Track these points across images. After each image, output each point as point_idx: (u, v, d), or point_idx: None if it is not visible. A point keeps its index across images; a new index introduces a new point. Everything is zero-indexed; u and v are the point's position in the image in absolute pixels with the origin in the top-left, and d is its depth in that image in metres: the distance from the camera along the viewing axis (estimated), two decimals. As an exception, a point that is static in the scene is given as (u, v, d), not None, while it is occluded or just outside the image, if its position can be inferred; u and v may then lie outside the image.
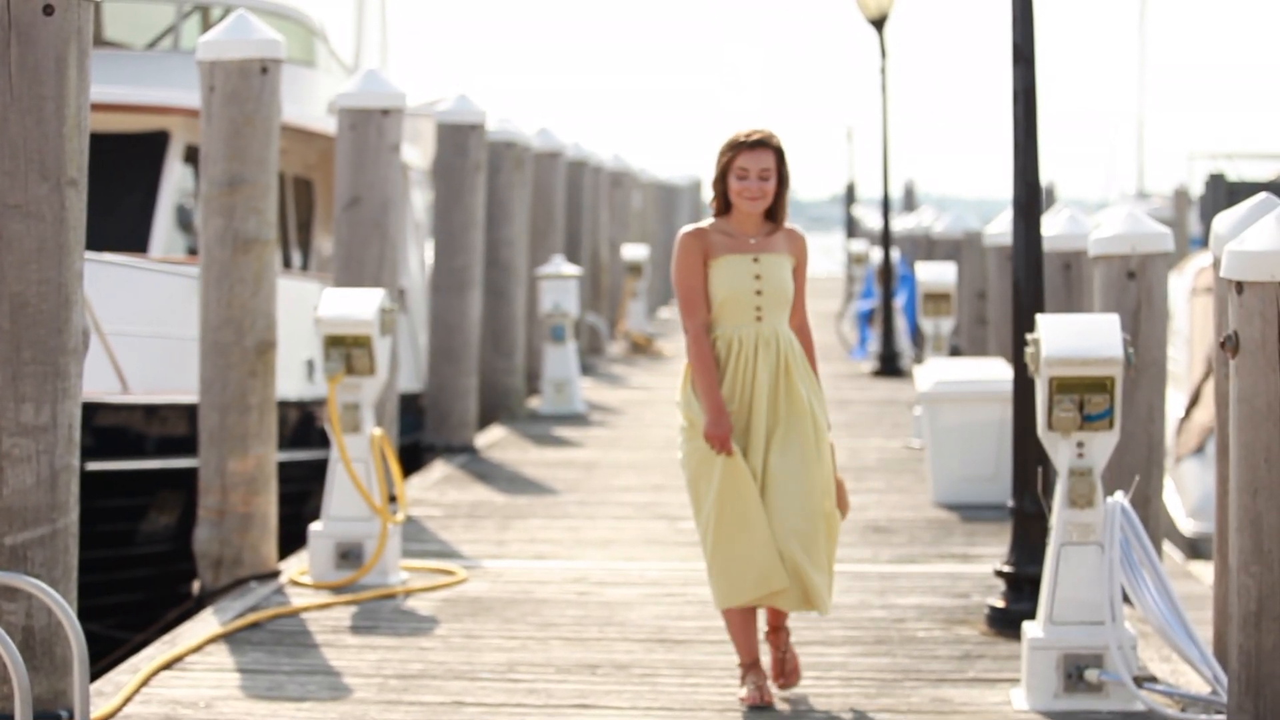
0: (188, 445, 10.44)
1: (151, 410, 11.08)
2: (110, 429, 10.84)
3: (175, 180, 13.07)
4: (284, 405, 11.93)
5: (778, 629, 7.09)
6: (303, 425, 12.73)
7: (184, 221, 13.11)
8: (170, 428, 11.11)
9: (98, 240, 10.43)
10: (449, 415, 14.26)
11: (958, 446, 11.57)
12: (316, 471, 10.93)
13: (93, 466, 10.33)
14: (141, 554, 11.18)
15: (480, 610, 8.61)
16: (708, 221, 6.90)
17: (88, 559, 8.07)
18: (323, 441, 9.83)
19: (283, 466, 10.18)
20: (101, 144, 9.97)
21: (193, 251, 12.82)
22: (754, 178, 6.74)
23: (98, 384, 10.61)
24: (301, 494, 12.16)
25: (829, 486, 6.79)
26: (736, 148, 6.75)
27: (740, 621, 6.90)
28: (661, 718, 6.86)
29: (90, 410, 10.22)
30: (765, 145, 6.74)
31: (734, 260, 6.79)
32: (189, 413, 10.62)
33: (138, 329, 11.23)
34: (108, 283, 10.96)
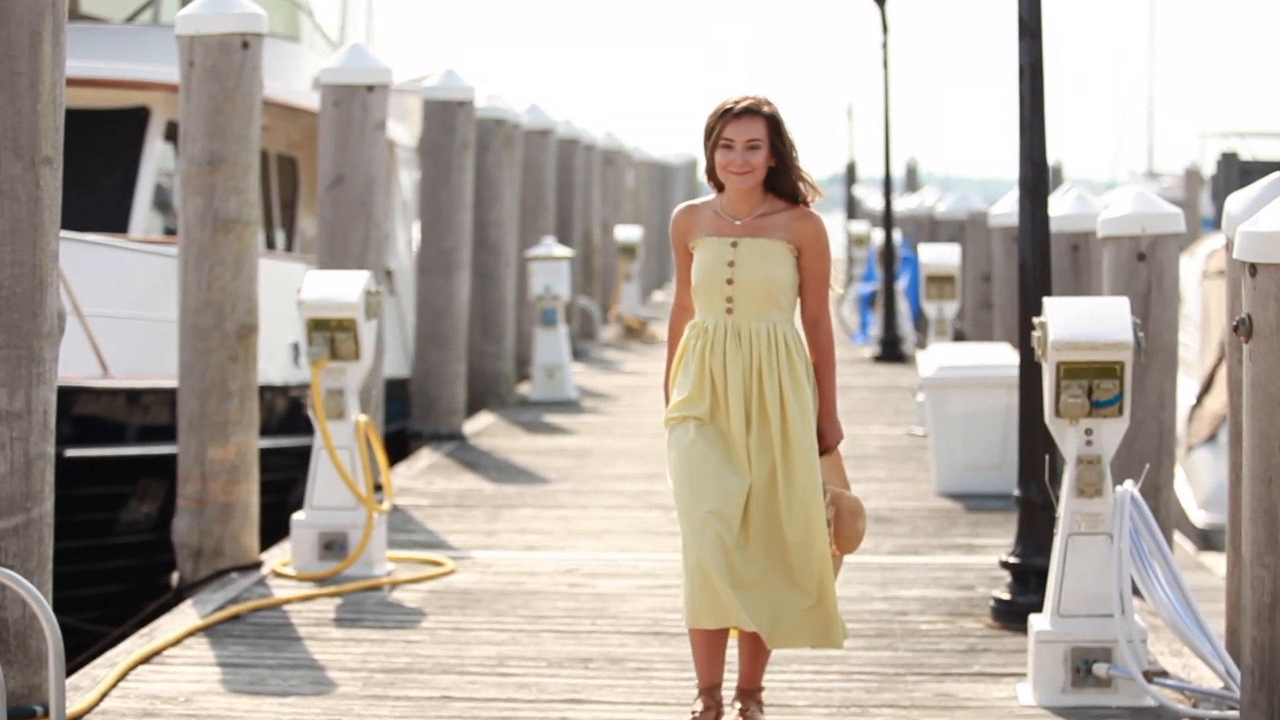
0: (170, 432, 10.25)
1: (133, 395, 10.90)
2: (90, 414, 10.65)
3: (156, 158, 12.88)
4: (268, 390, 11.76)
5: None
6: (288, 411, 12.55)
7: (161, 201, 12.93)
8: (152, 414, 10.93)
9: (76, 220, 10.25)
10: (436, 401, 14.10)
11: (962, 434, 11.47)
12: (302, 459, 10.75)
13: (71, 453, 10.16)
14: (121, 544, 11.02)
15: (469, 602, 8.48)
16: (705, 198, 6.37)
17: (65, 549, 7.91)
18: (309, 428, 9.66)
19: (268, 454, 10.01)
20: (79, 121, 9.82)
21: (170, 232, 12.64)
22: (739, 149, 6.07)
23: (77, 368, 10.43)
24: (287, 482, 11.99)
25: (806, 510, 6.08)
26: (723, 116, 6.10)
27: (702, 640, 6.23)
28: (656, 713, 6.74)
29: (69, 395, 10.04)
30: (753, 113, 6.08)
31: (712, 243, 6.19)
32: (171, 398, 10.44)
33: (119, 311, 11.06)
34: (87, 263, 10.79)
